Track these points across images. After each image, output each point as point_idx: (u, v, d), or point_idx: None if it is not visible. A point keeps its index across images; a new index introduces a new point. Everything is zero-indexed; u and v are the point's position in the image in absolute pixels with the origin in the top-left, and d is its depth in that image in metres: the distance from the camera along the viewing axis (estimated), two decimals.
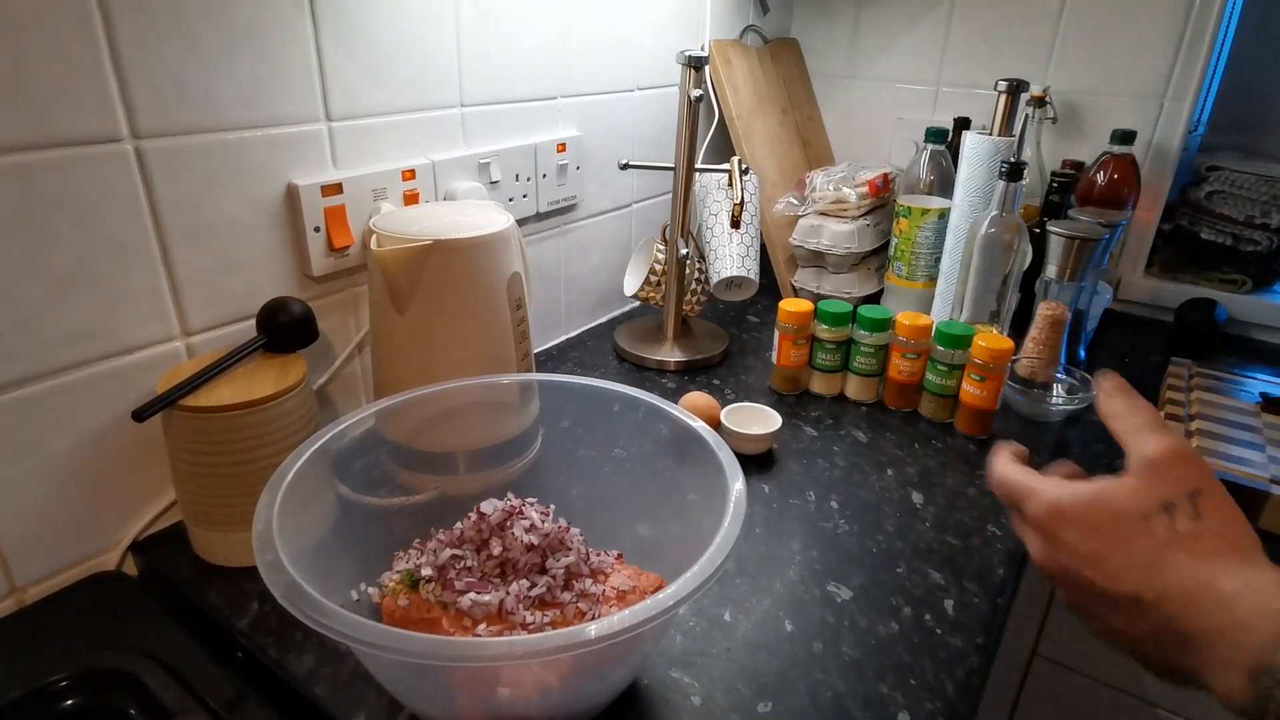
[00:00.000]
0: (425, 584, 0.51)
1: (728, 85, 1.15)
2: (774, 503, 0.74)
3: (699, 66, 0.89)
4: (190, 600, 0.60)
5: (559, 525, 0.55)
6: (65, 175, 0.55)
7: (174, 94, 0.59)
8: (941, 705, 0.52)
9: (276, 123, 0.66)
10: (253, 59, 0.63)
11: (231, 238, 0.66)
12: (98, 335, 0.59)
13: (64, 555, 0.62)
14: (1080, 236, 0.88)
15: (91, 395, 0.60)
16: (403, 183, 0.77)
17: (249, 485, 0.59)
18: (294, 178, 0.68)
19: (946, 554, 0.67)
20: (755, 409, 0.84)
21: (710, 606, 0.61)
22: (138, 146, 0.58)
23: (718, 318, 1.17)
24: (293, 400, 0.61)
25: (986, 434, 0.85)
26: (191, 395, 0.58)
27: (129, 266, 0.60)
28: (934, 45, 1.28)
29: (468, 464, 0.66)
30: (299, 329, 0.66)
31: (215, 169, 0.63)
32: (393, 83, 0.75)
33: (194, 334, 0.65)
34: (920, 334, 0.86)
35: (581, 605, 0.51)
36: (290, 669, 0.54)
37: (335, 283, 0.75)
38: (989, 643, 0.58)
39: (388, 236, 0.64)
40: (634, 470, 0.62)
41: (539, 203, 0.95)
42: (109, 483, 0.63)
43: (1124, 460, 0.41)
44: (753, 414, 0.83)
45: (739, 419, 0.82)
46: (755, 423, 0.81)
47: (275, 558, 0.41)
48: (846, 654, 0.56)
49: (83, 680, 0.52)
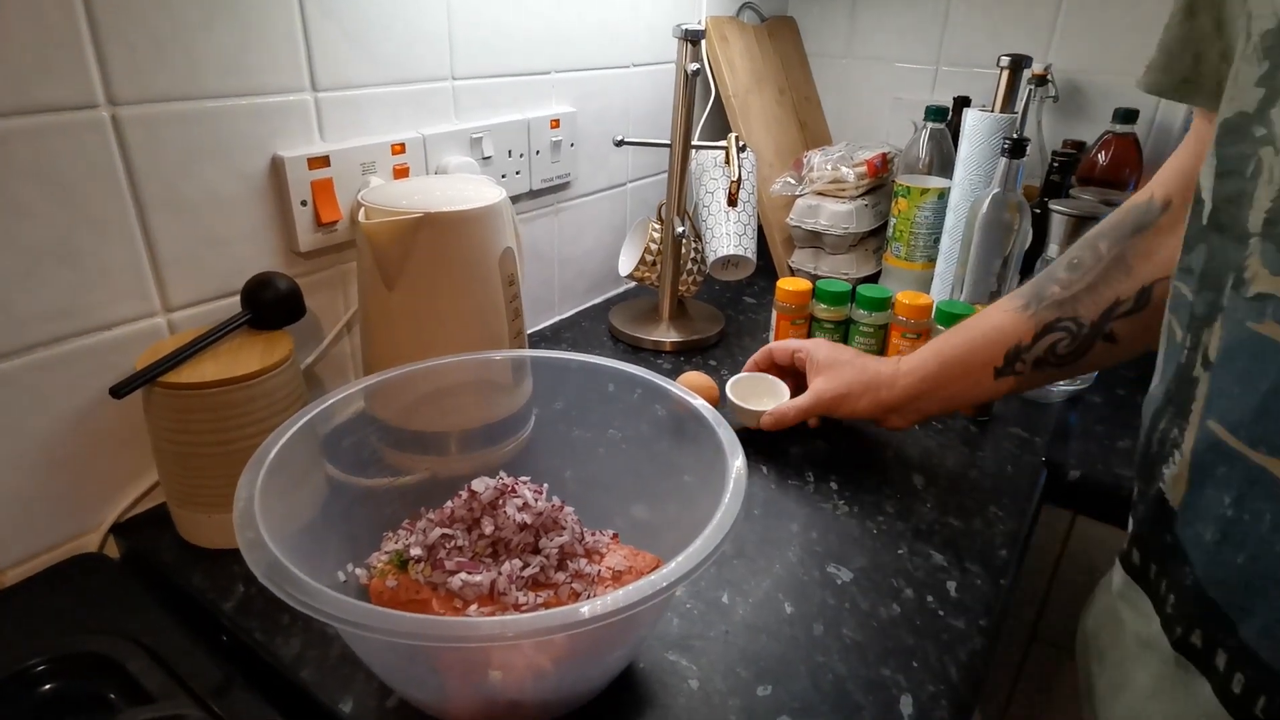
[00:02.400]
0: (414, 564, 0.50)
1: (724, 63, 1.12)
2: (772, 483, 0.72)
3: (696, 40, 0.87)
4: (174, 583, 0.59)
5: (552, 504, 0.54)
6: (40, 144, 0.53)
7: (152, 59, 0.57)
8: (944, 688, 0.51)
9: (260, 91, 0.64)
10: (234, 24, 0.61)
11: (215, 211, 0.64)
12: (75, 311, 0.57)
13: (44, 537, 0.60)
14: (1083, 215, 0.87)
15: (69, 373, 0.58)
16: (392, 156, 0.75)
17: (233, 466, 0.57)
18: (279, 150, 0.66)
19: (948, 535, 0.66)
20: (759, 379, 0.80)
21: (708, 589, 0.59)
22: (114, 114, 0.56)
23: (714, 299, 1.15)
24: (279, 377, 0.59)
25: (987, 415, 0.84)
26: (173, 372, 0.56)
27: (108, 239, 0.58)
28: (933, 24, 1.26)
29: (459, 444, 0.65)
30: (285, 305, 0.64)
31: (196, 139, 0.61)
32: (381, 52, 0.72)
33: (175, 310, 0.63)
34: (921, 313, 0.85)
35: (576, 586, 0.49)
36: (277, 653, 0.52)
37: (323, 259, 0.73)
38: (992, 625, 0.57)
39: (376, 210, 0.62)
40: (629, 451, 0.61)
41: (532, 180, 0.93)
42: (89, 463, 0.61)
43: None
44: (756, 385, 0.80)
45: (743, 392, 0.79)
46: (762, 395, 0.78)
47: (256, 535, 0.39)
48: (848, 636, 0.55)
49: (63, 664, 0.50)
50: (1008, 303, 0.62)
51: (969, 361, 0.64)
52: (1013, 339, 0.61)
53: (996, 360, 0.62)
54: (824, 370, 0.72)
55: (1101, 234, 0.58)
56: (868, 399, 0.69)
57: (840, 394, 0.70)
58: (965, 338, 0.64)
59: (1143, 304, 0.55)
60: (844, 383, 0.70)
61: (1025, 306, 0.61)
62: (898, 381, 0.67)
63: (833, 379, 0.71)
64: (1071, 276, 0.58)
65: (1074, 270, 0.58)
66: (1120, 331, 0.57)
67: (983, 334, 0.63)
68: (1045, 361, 0.60)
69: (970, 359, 0.64)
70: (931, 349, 0.67)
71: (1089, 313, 0.57)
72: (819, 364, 0.72)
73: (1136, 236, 0.56)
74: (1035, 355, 0.60)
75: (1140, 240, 0.56)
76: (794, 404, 0.72)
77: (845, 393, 0.69)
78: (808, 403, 0.71)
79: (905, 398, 0.67)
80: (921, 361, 0.67)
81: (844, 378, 0.70)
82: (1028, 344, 0.60)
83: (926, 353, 0.67)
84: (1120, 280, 0.56)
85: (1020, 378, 0.62)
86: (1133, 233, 0.56)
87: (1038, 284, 0.61)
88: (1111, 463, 0.78)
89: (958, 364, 0.64)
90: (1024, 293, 0.62)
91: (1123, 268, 0.56)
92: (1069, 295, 0.58)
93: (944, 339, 0.66)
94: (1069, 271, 0.59)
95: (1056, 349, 0.59)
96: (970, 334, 0.64)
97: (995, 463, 0.76)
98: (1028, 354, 0.60)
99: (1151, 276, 0.55)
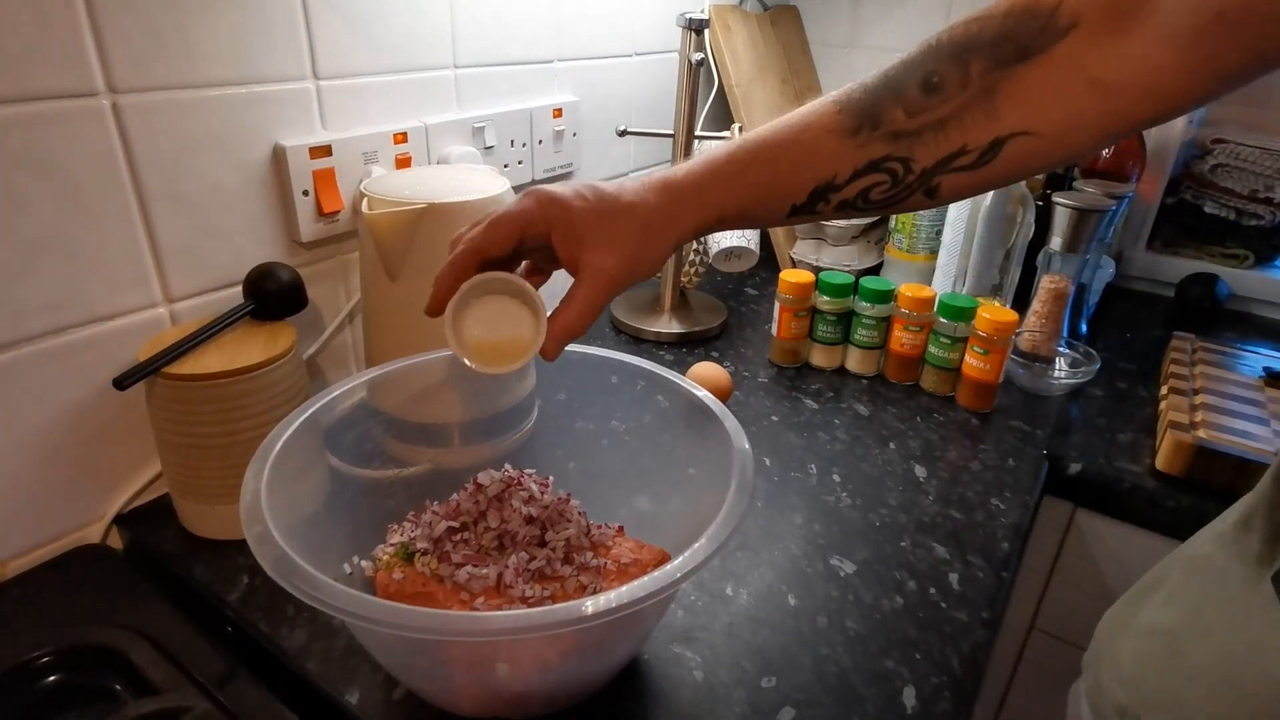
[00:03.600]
0: (421, 557, 0.50)
1: (727, 52, 1.12)
2: (775, 476, 0.72)
3: (700, 29, 0.87)
4: (177, 574, 0.59)
5: (558, 497, 0.54)
6: (39, 133, 0.52)
7: (152, 46, 0.56)
8: (947, 680, 0.52)
9: (261, 80, 0.63)
10: (235, 11, 0.60)
11: (216, 201, 0.63)
12: (77, 302, 0.57)
13: (46, 528, 0.60)
14: (1086, 208, 0.87)
15: (71, 364, 0.58)
16: (394, 146, 0.74)
17: (237, 457, 0.57)
18: (281, 139, 0.66)
19: (950, 528, 0.66)
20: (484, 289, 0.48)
21: (712, 581, 0.59)
22: (114, 102, 0.55)
23: (716, 290, 1.15)
24: (282, 369, 0.59)
25: (989, 407, 0.84)
26: (176, 363, 0.56)
27: (108, 230, 0.57)
28: (937, 13, 1.25)
29: (462, 436, 0.65)
30: (287, 295, 0.64)
31: (197, 128, 0.60)
32: (383, 40, 0.72)
33: (177, 301, 0.63)
34: (923, 306, 0.85)
35: (582, 579, 0.49)
36: (281, 644, 0.52)
37: (325, 249, 0.73)
38: (994, 617, 0.57)
39: (379, 200, 0.62)
40: (632, 443, 0.60)
41: (534, 169, 0.92)
42: (92, 454, 0.61)
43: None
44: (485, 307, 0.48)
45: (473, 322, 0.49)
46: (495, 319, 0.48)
47: (264, 529, 0.39)
48: (851, 628, 0.55)
49: (67, 656, 0.50)
50: (833, 115, 0.45)
51: (772, 191, 0.47)
52: (827, 172, 0.46)
53: (798, 196, 0.47)
54: (596, 236, 0.46)
55: (978, 47, 0.42)
56: (665, 242, 0.48)
57: (635, 259, 0.47)
58: (771, 161, 0.47)
59: (987, 159, 0.42)
60: (630, 247, 0.46)
61: (855, 130, 0.44)
62: (693, 212, 0.48)
63: (612, 248, 0.46)
64: (925, 101, 0.43)
65: (930, 92, 0.43)
66: (944, 185, 0.44)
67: (792, 161, 0.46)
68: (850, 205, 0.47)
69: (773, 189, 0.47)
70: (737, 162, 0.47)
71: (924, 157, 0.43)
72: (576, 225, 0.46)
73: (1019, 66, 0.41)
74: (843, 197, 0.46)
75: (1022, 73, 0.41)
76: (575, 304, 0.46)
77: (638, 252, 0.47)
78: (592, 293, 0.46)
79: (700, 227, 0.49)
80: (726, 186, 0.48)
81: (627, 239, 0.46)
82: (841, 182, 0.45)
83: (731, 168, 0.48)
84: (978, 122, 0.42)
85: (813, 217, 0.49)
86: (1016, 58, 0.41)
87: (877, 96, 0.44)
88: (1112, 455, 0.78)
89: (758, 195, 0.48)
90: (857, 104, 0.45)
91: (987, 106, 0.41)
92: (912, 128, 0.43)
93: (751, 150, 0.47)
94: (924, 92, 0.43)
95: (870, 194, 0.45)
96: (778, 155, 0.47)
97: (997, 455, 0.77)
98: (835, 194, 0.46)
99: (1013, 127, 0.41)
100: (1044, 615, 0.87)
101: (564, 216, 0.45)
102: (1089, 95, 0.39)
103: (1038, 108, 0.41)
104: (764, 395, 0.86)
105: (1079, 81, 0.39)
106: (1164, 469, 0.74)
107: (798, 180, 0.46)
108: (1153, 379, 0.93)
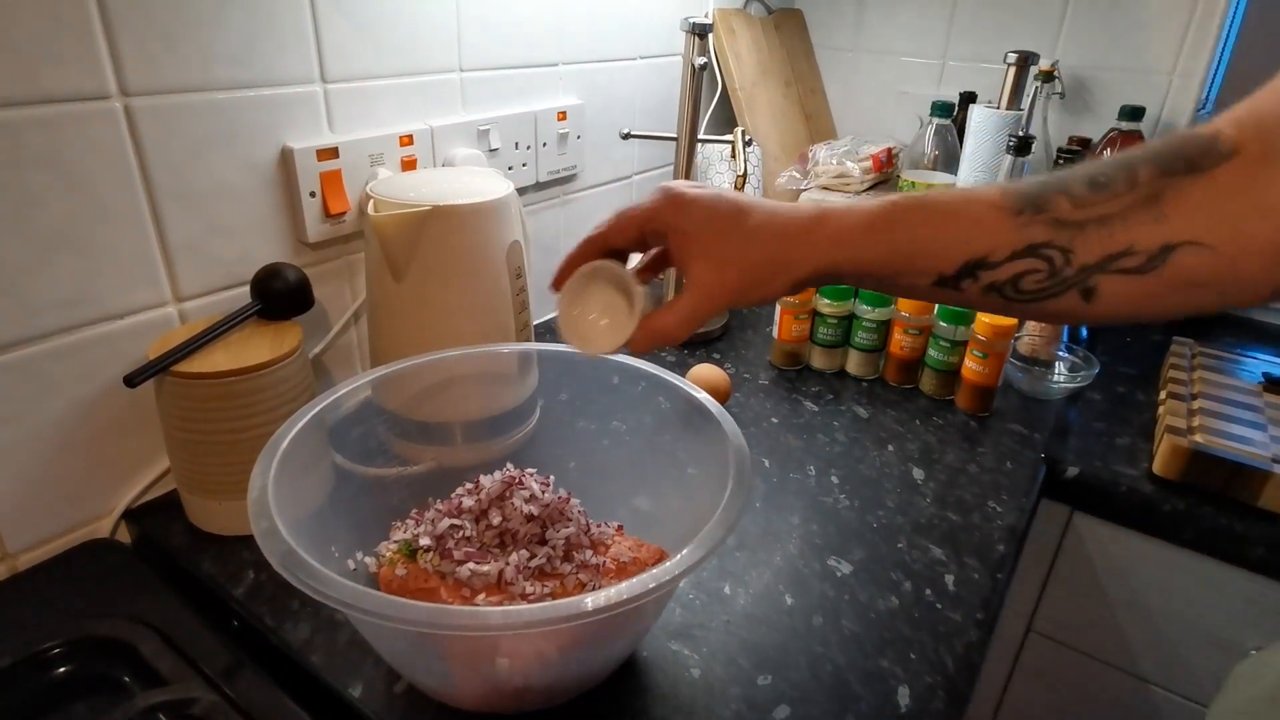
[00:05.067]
0: (423, 554, 0.51)
1: (731, 55, 1.13)
2: (774, 477, 0.73)
3: (703, 34, 0.88)
4: (185, 569, 0.60)
5: (559, 496, 0.55)
6: (53, 133, 0.53)
7: (163, 50, 0.57)
8: (941, 679, 0.52)
9: (270, 83, 0.64)
10: (244, 16, 0.61)
11: (225, 201, 0.64)
12: (87, 299, 0.58)
13: (56, 522, 0.61)
14: None
15: (82, 361, 0.59)
16: (400, 148, 0.75)
17: (244, 453, 0.58)
18: (288, 141, 0.67)
19: (947, 530, 0.67)
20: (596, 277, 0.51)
21: (710, 579, 0.60)
22: (127, 104, 0.56)
23: None
24: (288, 367, 0.60)
25: (988, 411, 0.85)
26: (185, 361, 0.57)
27: (119, 229, 0.58)
28: (941, 18, 1.26)
29: (465, 435, 0.66)
30: (294, 296, 0.65)
31: (207, 129, 0.61)
32: (390, 44, 0.73)
33: (186, 300, 0.64)
34: (923, 310, 0.86)
35: (582, 576, 0.50)
36: (286, 638, 0.53)
37: (331, 250, 0.74)
38: (989, 618, 0.58)
39: (385, 202, 0.63)
40: (633, 443, 0.61)
41: (539, 172, 0.93)
42: (101, 450, 0.62)
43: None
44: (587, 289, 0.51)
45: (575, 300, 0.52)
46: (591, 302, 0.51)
47: (271, 524, 0.40)
48: (847, 628, 0.56)
49: (76, 648, 0.51)
50: (999, 194, 0.44)
51: (919, 256, 0.45)
52: (982, 246, 0.44)
53: (947, 267, 0.44)
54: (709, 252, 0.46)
55: (1145, 158, 0.42)
56: (781, 281, 0.46)
57: (741, 286, 0.46)
58: (924, 224, 0.45)
59: (1153, 266, 0.41)
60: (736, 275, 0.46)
61: (1018, 211, 0.43)
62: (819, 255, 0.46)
63: (721, 269, 0.46)
64: (1090, 195, 0.42)
65: (1096, 189, 0.42)
66: (1104, 289, 0.42)
67: (948, 227, 0.45)
68: (998, 290, 0.44)
69: (921, 253, 0.45)
70: (884, 218, 0.45)
71: (1086, 252, 0.42)
72: (692, 236, 0.46)
73: (1186, 178, 0.41)
74: (993, 278, 0.44)
75: (1189, 184, 0.40)
76: (675, 312, 0.47)
77: (752, 280, 0.46)
78: (694, 306, 0.46)
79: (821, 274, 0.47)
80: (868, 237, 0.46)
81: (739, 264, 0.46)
82: (995, 260, 0.44)
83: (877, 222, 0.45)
84: (1144, 224, 0.41)
85: (957, 295, 0.46)
86: (1184, 171, 0.41)
87: (1045, 187, 0.43)
88: (1109, 459, 0.78)
89: (902, 259, 0.45)
90: (1023, 190, 0.44)
91: (1155, 209, 0.41)
92: (1076, 219, 0.42)
93: (904, 208, 0.45)
94: (1090, 189, 0.42)
95: (1021, 281, 0.43)
96: (933, 218, 0.45)
97: (995, 458, 0.77)
98: (986, 272, 0.44)
99: (1181, 236, 0.40)
100: (1041, 617, 0.88)
101: (682, 224, 0.46)
102: (1256, 218, 0.38)
103: (1206, 220, 0.40)
104: (764, 397, 0.87)
105: (1245, 204, 0.38)
106: (1161, 473, 0.75)
107: (951, 250, 0.44)
108: (1152, 384, 0.93)
